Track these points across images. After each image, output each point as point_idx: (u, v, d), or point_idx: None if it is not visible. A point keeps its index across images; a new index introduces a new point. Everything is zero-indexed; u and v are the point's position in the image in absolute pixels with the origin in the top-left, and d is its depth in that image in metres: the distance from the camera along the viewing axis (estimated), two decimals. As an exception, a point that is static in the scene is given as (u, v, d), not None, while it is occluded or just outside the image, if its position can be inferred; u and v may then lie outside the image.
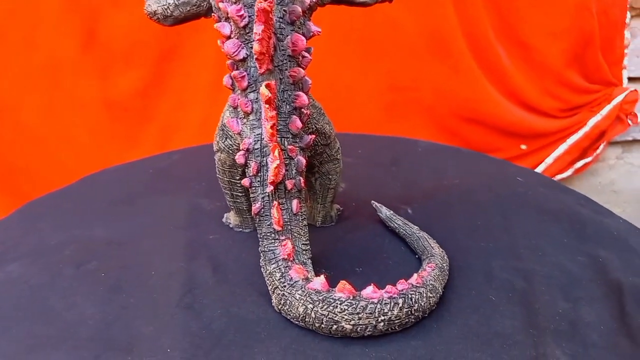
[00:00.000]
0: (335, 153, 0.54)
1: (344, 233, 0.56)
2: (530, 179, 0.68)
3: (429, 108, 1.07)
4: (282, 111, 0.46)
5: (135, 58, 1.00)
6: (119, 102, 1.03)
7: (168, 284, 0.48)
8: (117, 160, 0.85)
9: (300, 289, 0.42)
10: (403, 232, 0.53)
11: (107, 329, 0.43)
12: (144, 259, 0.53)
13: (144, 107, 1.04)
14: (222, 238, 0.56)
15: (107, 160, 0.88)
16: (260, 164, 0.45)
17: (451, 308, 0.44)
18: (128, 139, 1.06)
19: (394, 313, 0.40)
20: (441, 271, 0.45)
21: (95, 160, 0.99)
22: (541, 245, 0.53)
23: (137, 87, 1.02)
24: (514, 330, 0.41)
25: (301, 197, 0.47)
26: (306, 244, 0.46)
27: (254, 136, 0.46)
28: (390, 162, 0.76)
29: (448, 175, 0.70)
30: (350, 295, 0.40)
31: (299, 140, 0.47)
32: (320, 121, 0.51)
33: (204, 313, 0.44)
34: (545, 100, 1.10)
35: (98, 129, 1.04)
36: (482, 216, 0.58)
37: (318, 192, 0.56)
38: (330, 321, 0.40)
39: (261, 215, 0.45)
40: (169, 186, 0.71)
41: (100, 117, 1.03)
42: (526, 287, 0.46)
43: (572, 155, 1.13)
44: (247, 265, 0.50)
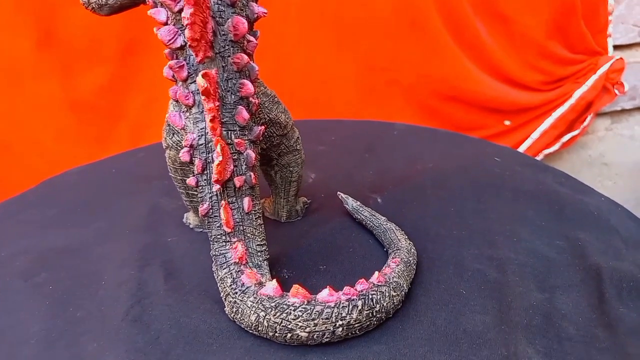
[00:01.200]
0: (295, 144, 0.51)
1: (309, 227, 0.53)
2: (509, 158, 0.65)
3: (408, 89, 1.03)
4: (226, 102, 0.42)
5: (98, 54, 0.96)
6: (84, 101, 0.98)
7: (117, 295, 0.45)
8: (85, 162, 0.81)
9: (252, 295, 0.38)
10: (370, 224, 0.50)
11: (50, 348, 0.40)
12: (96, 268, 0.49)
13: (112, 104, 1.00)
14: (180, 240, 0.53)
15: (76, 163, 0.84)
16: (205, 161, 0.42)
17: (418, 306, 0.41)
18: (97, 140, 1.02)
19: (353, 317, 0.37)
20: (407, 266, 0.42)
21: (63, 164, 0.94)
22: (516, 230, 0.49)
23: (101, 84, 0.98)
24: (485, 327, 0.38)
25: (254, 194, 0.43)
26: (262, 245, 0.43)
27: (197, 131, 0.42)
28: (364, 149, 0.73)
29: (423, 159, 0.66)
30: (305, 300, 0.37)
31: (248, 133, 0.43)
32: (273, 110, 0.47)
33: (152, 325, 0.41)
34: (528, 74, 1.06)
35: (64, 130, 1.00)
36: (455, 202, 0.55)
37: (280, 186, 0.53)
38: (284, 329, 0.37)
39: (210, 217, 0.42)
40: (130, 186, 0.67)
41: (65, 118, 0.99)
42: (499, 277, 0.43)
43: (559, 129, 1.10)
44: (203, 269, 0.47)
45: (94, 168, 0.76)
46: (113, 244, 0.53)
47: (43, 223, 0.60)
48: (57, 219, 0.60)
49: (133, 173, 0.72)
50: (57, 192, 0.68)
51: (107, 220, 0.59)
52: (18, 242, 0.55)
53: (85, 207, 0.62)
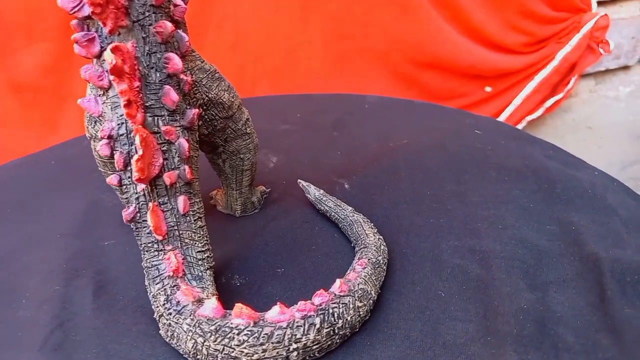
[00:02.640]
0: (243, 126, 0.44)
1: (267, 222, 0.46)
2: (491, 130, 0.58)
3: (381, 56, 0.96)
4: (150, 81, 0.35)
5: (36, 30, 0.86)
6: (25, 83, 0.89)
7: (37, 316, 0.38)
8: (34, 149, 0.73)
9: (189, 316, 0.32)
10: (335, 215, 0.43)
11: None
12: (20, 282, 0.42)
13: (57, 85, 0.91)
14: (118, 243, 0.46)
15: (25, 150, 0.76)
16: (128, 155, 0.34)
17: (389, 315, 0.34)
18: (46, 124, 0.93)
19: (310, 337, 0.30)
20: (375, 268, 0.36)
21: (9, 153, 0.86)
22: (502, 215, 0.43)
23: (44, 63, 0.88)
24: (467, 338, 0.32)
25: (191, 191, 0.36)
26: (203, 251, 0.36)
27: (116, 118, 0.35)
28: (332, 126, 0.66)
29: (396, 136, 0.59)
30: (251, 321, 0.30)
31: (179, 118, 0.36)
32: (213, 88, 0.40)
33: (74, 355, 0.34)
34: (508, 35, 0.99)
35: (7, 116, 0.90)
36: (432, 184, 0.49)
37: (230, 176, 0.46)
38: (227, 358, 0.30)
39: (137, 222, 0.35)
40: (70, 180, 0.59)
41: (7, 102, 0.89)
42: (483, 274, 0.37)
43: (542, 93, 1.04)
44: (140, 280, 0.39)
45: (31, 161, 0.68)
46: (41, 252, 0.46)
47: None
48: (-18, 223, 0.53)
49: (75, 165, 0.64)
50: (-11, 190, 0.60)
51: (38, 223, 0.51)
52: None
53: (15, 207, 0.55)
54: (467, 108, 1.00)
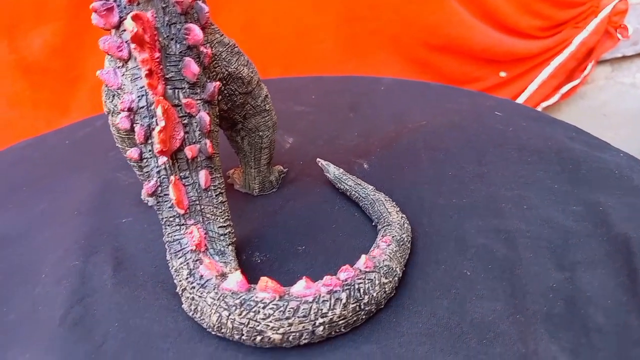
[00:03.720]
0: (262, 103, 0.43)
1: (286, 201, 0.46)
2: (511, 112, 0.57)
3: (394, 39, 0.94)
4: (170, 52, 0.34)
5: (45, 9, 0.85)
6: (35, 64, 0.88)
7: (56, 291, 0.37)
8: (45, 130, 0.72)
9: (213, 290, 0.31)
10: (356, 194, 0.43)
11: (-30, 363, 0.33)
12: (37, 258, 0.42)
13: (67, 66, 0.90)
14: (135, 221, 0.45)
15: (35, 131, 0.75)
16: (149, 127, 0.34)
17: (414, 293, 0.34)
18: (55, 106, 0.93)
19: (336, 312, 0.30)
20: (399, 245, 0.35)
21: (20, 132, 0.86)
22: (526, 195, 0.42)
23: (54, 43, 0.88)
24: (496, 316, 0.32)
25: (212, 165, 0.36)
26: (225, 226, 0.36)
27: (136, 90, 0.34)
28: (347, 108, 0.65)
29: (414, 117, 0.58)
30: (276, 295, 0.30)
31: (200, 91, 0.35)
32: (232, 63, 0.39)
33: (96, 329, 0.34)
34: (524, 19, 0.98)
35: (17, 97, 0.90)
36: (453, 165, 0.48)
37: (249, 154, 0.45)
38: (252, 331, 0.30)
39: (159, 196, 0.34)
40: (84, 160, 0.59)
41: (17, 84, 0.89)
42: (509, 254, 0.36)
43: (558, 78, 1.02)
44: (161, 256, 0.40)
45: (44, 140, 0.68)
46: (57, 230, 0.45)
47: (-19, 206, 0.52)
48: (-2, 200, 0.52)
49: (88, 145, 0.64)
50: (1, 170, 0.60)
51: (53, 201, 0.51)
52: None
53: (29, 187, 0.54)
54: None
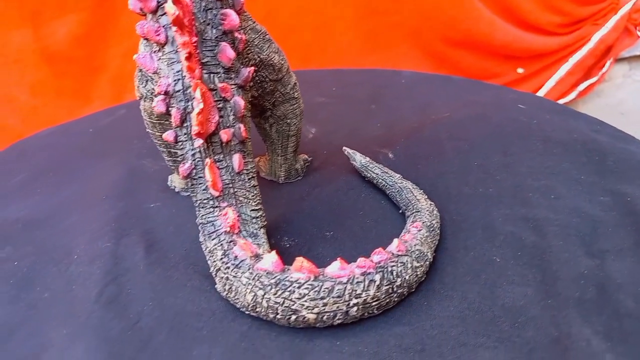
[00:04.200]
0: (291, 90, 0.43)
1: (312, 188, 0.46)
2: (534, 105, 0.57)
3: (413, 33, 0.94)
4: (206, 37, 0.34)
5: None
6: (59, 53, 0.90)
7: (90, 271, 0.38)
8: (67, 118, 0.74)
9: (248, 270, 0.32)
10: (382, 182, 0.43)
11: (9, 337, 0.34)
12: (67, 241, 0.43)
13: (90, 55, 0.91)
14: (163, 206, 0.46)
15: (56, 120, 0.77)
16: (184, 111, 0.34)
17: (445, 277, 0.34)
18: (77, 94, 0.94)
19: (370, 293, 0.30)
20: (430, 231, 0.35)
21: (42, 120, 0.88)
22: (552, 185, 0.43)
23: (77, 32, 0.89)
24: (527, 301, 0.32)
25: (245, 150, 0.36)
26: (257, 210, 0.36)
27: (173, 74, 0.34)
28: (368, 99, 0.65)
29: (436, 109, 0.59)
30: (311, 276, 0.30)
31: (235, 76, 0.36)
32: (264, 50, 0.39)
33: (131, 307, 0.34)
34: (543, 15, 0.97)
35: (40, 84, 0.91)
36: (478, 154, 0.48)
37: (276, 141, 0.46)
38: (287, 310, 0.30)
39: (193, 178, 0.35)
40: (108, 148, 0.60)
41: (40, 71, 0.90)
42: (538, 241, 0.37)
43: (576, 76, 1.02)
44: (190, 239, 0.40)
45: (68, 128, 0.69)
46: (86, 213, 0.46)
47: (8, 191, 0.53)
48: (22, 186, 0.53)
49: (113, 132, 0.65)
50: (24, 157, 0.61)
51: (80, 186, 0.52)
52: (-20, 213, 0.49)
53: (56, 172, 0.55)
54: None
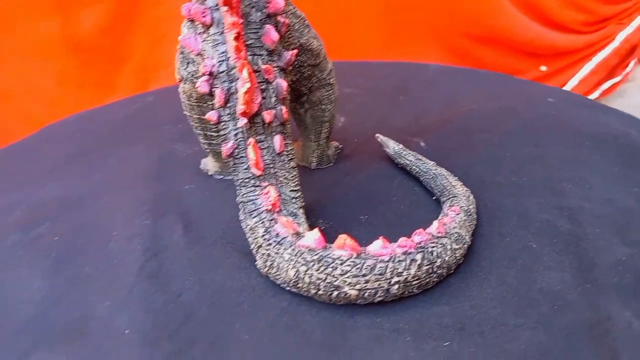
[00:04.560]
0: (328, 76, 0.44)
1: (344, 175, 0.47)
2: (563, 99, 0.58)
3: (436, 28, 0.95)
4: (251, 20, 0.35)
5: (99, -12, 0.88)
6: (85, 42, 0.91)
7: (130, 248, 0.39)
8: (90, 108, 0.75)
9: (290, 247, 0.32)
10: (416, 169, 0.44)
11: (53, 307, 0.34)
12: (104, 219, 0.44)
13: (115, 45, 0.93)
14: (197, 188, 0.47)
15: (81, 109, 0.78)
16: (228, 92, 0.35)
17: (482, 261, 0.35)
18: (101, 83, 0.95)
19: (411, 272, 0.31)
20: (467, 215, 0.36)
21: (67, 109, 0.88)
22: (586, 176, 0.43)
23: (103, 22, 0.90)
24: (565, 286, 0.32)
25: (285, 131, 0.37)
26: (296, 190, 0.37)
27: (217, 55, 0.35)
28: (396, 91, 0.65)
29: (465, 101, 0.59)
30: (354, 253, 0.31)
31: (277, 58, 0.36)
32: (304, 34, 0.40)
33: (172, 282, 0.35)
34: (568, 13, 0.97)
35: (65, 74, 0.93)
36: (509, 145, 0.48)
37: (310, 126, 0.46)
38: (329, 286, 0.31)
39: (235, 157, 0.36)
40: (139, 132, 0.61)
41: (66, 61, 0.92)
42: (573, 229, 0.37)
43: (599, 75, 1.01)
44: (226, 220, 0.41)
45: (98, 114, 0.70)
46: (121, 194, 0.47)
47: (41, 172, 0.54)
48: (56, 168, 0.54)
49: (142, 118, 0.66)
50: (57, 140, 0.62)
51: (113, 168, 0.52)
52: (14, 192, 0.50)
53: (88, 155, 0.56)
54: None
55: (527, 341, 0.29)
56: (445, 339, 0.29)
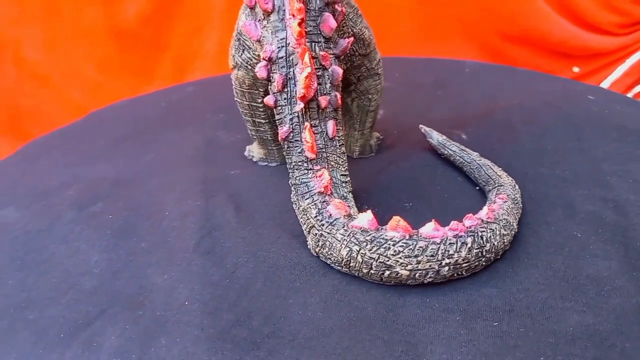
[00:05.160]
0: (376, 66, 0.45)
1: (387, 164, 0.48)
2: (604, 96, 0.58)
3: (470, 26, 0.95)
4: (310, 7, 0.36)
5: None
6: (127, 30, 0.94)
7: (184, 226, 0.41)
8: (129, 95, 0.77)
9: (342, 227, 0.34)
10: (460, 159, 0.44)
11: (113, 279, 0.36)
12: (155, 199, 0.45)
13: (155, 34, 0.95)
14: (244, 173, 0.48)
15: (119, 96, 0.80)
16: (286, 77, 0.36)
17: (529, 248, 0.35)
18: (140, 71, 0.98)
19: (462, 255, 0.32)
20: (514, 203, 0.37)
21: (105, 96, 0.92)
22: (631, 170, 0.43)
23: (145, 12, 0.93)
24: (612, 272, 0.33)
25: (337, 117, 0.38)
26: (345, 175, 0.38)
27: (277, 41, 0.36)
28: (434, 85, 0.66)
29: (504, 96, 0.59)
30: (407, 235, 0.32)
31: (333, 46, 0.38)
32: (357, 24, 0.41)
33: (227, 259, 0.37)
34: (602, 14, 0.96)
35: (106, 61, 0.96)
36: (552, 139, 0.49)
37: (355, 116, 0.47)
38: (381, 266, 0.32)
39: (290, 141, 0.37)
40: (182, 120, 0.63)
41: (107, 48, 0.95)
42: (619, 220, 0.37)
43: (632, 77, 1.00)
44: (274, 203, 0.43)
45: (141, 101, 0.72)
46: (170, 176, 0.49)
47: (91, 154, 0.56)
48: (105, 150, 0.56)
49: (184, 107, 0.68)
50: (104, 125, 0.64)
51: (160, 152, 0.54)
52: (67, 172, 0.52)
53: (134, 139, 0.58)
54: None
55: (575, 323, 0.29)
56: (494, 319, 0.30)
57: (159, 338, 0.31)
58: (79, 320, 0.33)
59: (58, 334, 0.32)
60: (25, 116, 0.94)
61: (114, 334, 0.31)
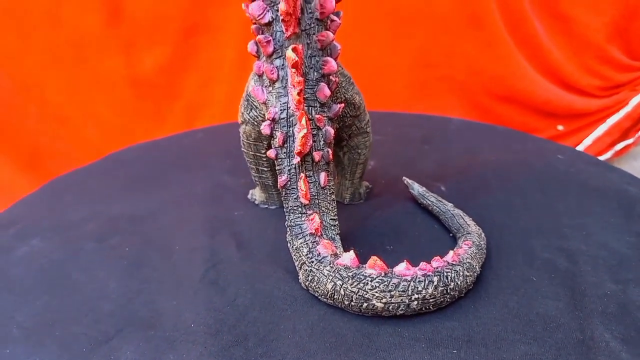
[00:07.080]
0: (365, 126, 0.52)
1: (373, 210, 0.54)
2: (572, 157, 0.64)
3: (461, 85, 1.03)
4: (309, 78, 0.43)
5: (160, 33, 0.99)
6: (144, 79, 1.02)
7: (191, 259, 0.46)
8: (142, 138, 0.84)
9: (329, 264, 0.39)
10: (437, 209, 0.50)
11: (129, 304, 0.42)
12: (166, 235, 0.51)
13: (170, 84, 1.03)
14: (246, 214, 0.54)
15: (133, 138, 0.87)
16: (286, 134, 0.43)
17: (489, 288, 0.41)
18: (154, 117, 1.06)
19: (429, 292, 0.37)
20: (479, 249, 0.42)
21: (120, 138, 0.99)
22: (586, 224, 0.49)
23: (162, 63, 1.01)
24: (558, 312, 0.38)
25: (329, 170, 0.44)
26: (334, 219, 0.44)
27: (280, 105, 0.43)
28: (421, 140, 0.73)
29: (483, 153, 0.66)
30: (382, 272, 0.38)
31: (327, 110, 0.44)
32: (349, 90, 0.48)
33: (229, 289, 0.42)
34: (585, 78, 1.05)
35: (123, 106, 1.03)
36: (520, 194, 0.55)
37: (346, 167, 0.54)
38: (360, 299, 0.37)
39: (287, 188, 0.43)
40: (192, 164, 0.69)
41: (125, 94, 1.03)
42: (570, 267, 0.43)
43: (613, 136, 1.08)
44: (272, 242, 0.48)
45: (155, 145, 0.79)
46: (180, 215, 0.55)
47: (109, 192, 0.62)
48: (121, 189, 0.63)
49: (194, 151, 0.74)
50: (120, 165, 0.71)
51: (171, 193, 0.60)
52: (86, 208, 0.58)
53: (148, 180, 0.65)
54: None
55: (522, 353, 0.35)
56: (454, 348, 0.35)
57: (168, 354, 0.36)
58: (99, 337, 0.38)
59: (81, 349, 0.37)
60: (45, 155, 1.01)
61: (129, 349, 0.37)
